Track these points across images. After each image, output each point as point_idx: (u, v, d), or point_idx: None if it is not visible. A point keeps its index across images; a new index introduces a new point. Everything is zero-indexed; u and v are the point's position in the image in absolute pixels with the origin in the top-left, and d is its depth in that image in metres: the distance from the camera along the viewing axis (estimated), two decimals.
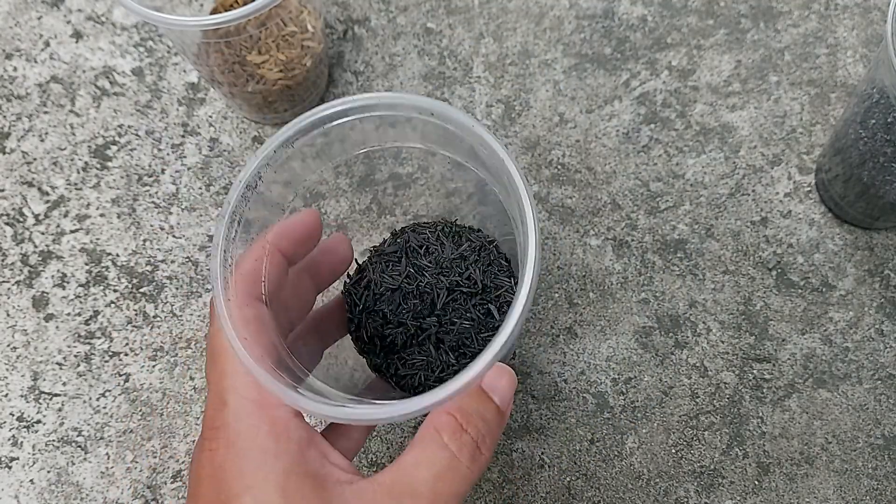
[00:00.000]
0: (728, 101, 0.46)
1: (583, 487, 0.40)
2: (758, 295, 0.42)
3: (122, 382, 0.42)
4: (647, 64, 0.47)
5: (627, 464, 0.40)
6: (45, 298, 0.43)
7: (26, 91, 0.47)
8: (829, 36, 0.47)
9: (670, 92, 0.46)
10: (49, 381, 0.42)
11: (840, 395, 0.41)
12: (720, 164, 0.45)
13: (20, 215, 0.45)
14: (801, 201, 0.44)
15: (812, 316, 0.42)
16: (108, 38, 0.48)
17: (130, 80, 0.47)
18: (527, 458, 0.40)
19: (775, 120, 0.45)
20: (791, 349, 0.41)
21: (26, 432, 0.41)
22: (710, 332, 0.42)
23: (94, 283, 0.44)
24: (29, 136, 0.46)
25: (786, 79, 0.46)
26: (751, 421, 0.40)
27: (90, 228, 0.45)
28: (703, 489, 0.39)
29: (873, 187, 0.39)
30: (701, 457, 0.40)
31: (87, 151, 0.46)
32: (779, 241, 0.43)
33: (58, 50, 0.48)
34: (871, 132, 0.37)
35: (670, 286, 0.43)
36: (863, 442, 0.40)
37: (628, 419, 0.41)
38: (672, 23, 0.47)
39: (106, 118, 0.47)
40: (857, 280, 0.42)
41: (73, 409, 0.42)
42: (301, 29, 0.42)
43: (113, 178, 0.46)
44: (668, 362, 0.41)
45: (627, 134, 0.45)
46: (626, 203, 0.44)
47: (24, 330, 0.43)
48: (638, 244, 0.43)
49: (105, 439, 0.41)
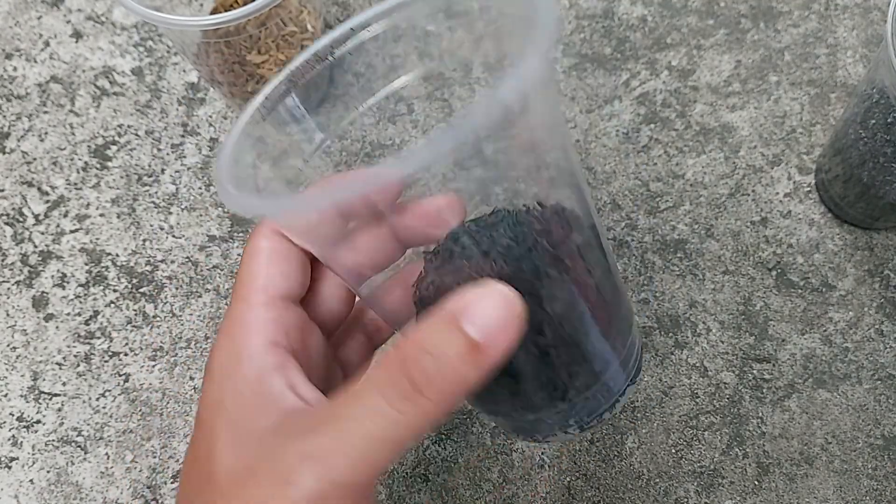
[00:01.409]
0: (728, 101, 0.46)
1: (582, 487, 0.40)
2: (758, 295, 0.42)
3: (122, 382, 0.42)
4: (646, 64, 0.47)
5: (627, 464, 0.40)
6: (45, 298, 0.43)
7: (26, 91, 0.47)
8: (829, 36, 0.47)
9: (670, 92, 0.46)
10: (49, 381, 0.42)
11: (840, 395, 0.41)
12: (720, 165, 0.45)
13: (20, 215, 0.45)
14: (801, 201, 0.44)
15: (812, 316, 0.42)
16: (108, 38, 0.48)
17: (130, 80, 0.47)
18: (526, 458, 0.40)
19: (775, 120, 0.45)
20: (791, 349, 0.41)
21: (26, 432, 0.41)
22: (710, 332, 0.42)
23: (94, 283, 0.44)
24: (29, 136, 0.46)
25: (786, 79, 0.46)
26: (750, 421, 0.40)
27: (90, 228, 0.45)
28: (702, 489, 0.39)
29: (873, 187, 0.39)
30: (701, 457, 0.40)
31: (86, 151, 0.46)
32: (779, 242, 0.43)
33: (58, 50, 0.48)
34: (871, 132, 0.37)
35: (670, 286, 0.43)
36: (862, 442, 0.40)
37: (628, 419, 0.41)
38: (672, 23, 0.47)
39: (106, 118, 0.47)
40: (856, 280, 0.42)
41: (73, 409, 0.42)
42: (301, 29, 0.42)
43: (113, 177, 0.46)
44: (668, 362, 0.41)
45: (627, 134, 0.45)
46: (626, 203, 0.44)
47: (24, 330, 0.43)
48: (638, 244, 0.43)
49: (105, 439, 0.41)
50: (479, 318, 0.19)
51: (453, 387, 0.20)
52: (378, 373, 0.20)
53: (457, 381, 0.19)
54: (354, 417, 0.20)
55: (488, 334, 0.19)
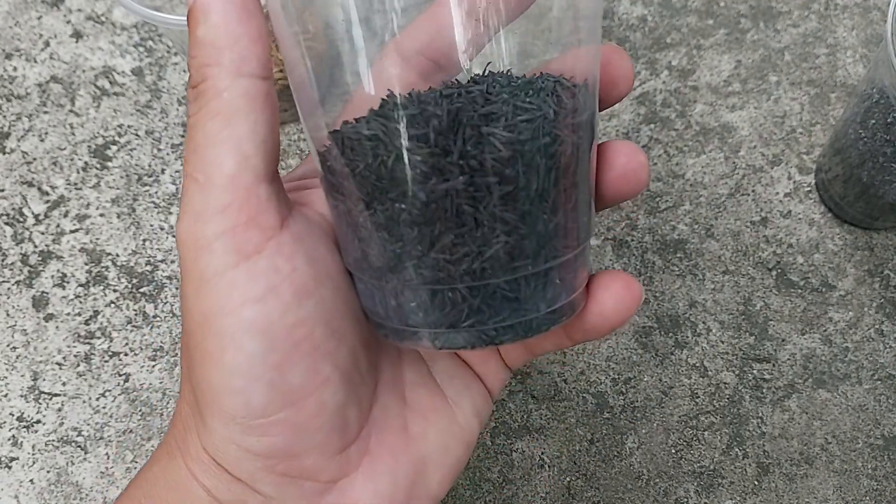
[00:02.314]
0: (728, 101, 0.46)
1: (582, 487, 0.40)
2: (757, 295, 0.42)
3: (122, 382, 0.42)
4: (646, 64, 0.47)
5: (627, 464, 0.40)
6: (45, 298, 0.43)
7: (26, 91, 0.47)
8: (828, 36, 0.47)
9: (670, 92, 0.46)
10: (49, 381, 0.42)
11: (840, 395, 0.41)
12: (720, 164, 0.45)
13: (20, 215, 0.45)
14: (801, 201, 0.44)
15: (812, 316, 0.42)
16: (108, 38, 0.48)
17: (130, 80, 0.47)
18: (526, 459, 0.40)
19: (775, 120, 0.45)
20: (791, 349, 0.41)
21: (26, 432, 0.41)
22: (710, 332, 0.42)
23: (94, 283, 0.44)
24: (29, 136, 0.46)
25: (785, 79, 0.46)
26: (750, 421, 0.40)
27: (90, 228, 0.45)
28: (702, 489, 0.39)
29: (873, 187, 0.39)
30: (701, 457, 0.40)
31: (86, 151, 0.46)
32: (778, 242, 0.43)
33: (58, 50, 0.48)
34: (871, 132, 0.37)
35: (670, 286, 0.43)
36: (862, 442, 0.40)
37: (628, 419, 0.41)
38: (672, 23, 0.47)
39: (106, 118, 0.47)
40: (856, 280, 0.42)
41: (73, 409, 0.42)
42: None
43: (113, 177, 0.46)
44: (668, 362, 0.41)
45: (627, 134, 0.45)
46: (626, 203, 0.44)
47: (24, 330, 0.43)
48: (637, 244, 0.43)
49: (105, 439, 0.41)
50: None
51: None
52: None
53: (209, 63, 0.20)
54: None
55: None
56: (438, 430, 0.25)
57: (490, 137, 0.20)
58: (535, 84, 0.22)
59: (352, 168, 0.21)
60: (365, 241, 0.22)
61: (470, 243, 0.20)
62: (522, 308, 0.22)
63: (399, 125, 0.20)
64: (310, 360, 0.21)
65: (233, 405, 0.21)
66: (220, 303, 0.21)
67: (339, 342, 0.22)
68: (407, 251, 0.21)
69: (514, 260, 0.21)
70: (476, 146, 0.20)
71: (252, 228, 0.21)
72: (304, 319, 0.21)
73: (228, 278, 0.20)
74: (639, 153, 0.24)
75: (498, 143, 0.20)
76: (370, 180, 0.21)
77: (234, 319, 0.20)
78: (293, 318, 0.21)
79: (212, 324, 0.21)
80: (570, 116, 0.21)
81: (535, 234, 0.21)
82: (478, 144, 0.20)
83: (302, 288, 0.21)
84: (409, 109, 0.20)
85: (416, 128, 0.20)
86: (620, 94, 0.25)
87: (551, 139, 0.21)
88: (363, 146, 0.21)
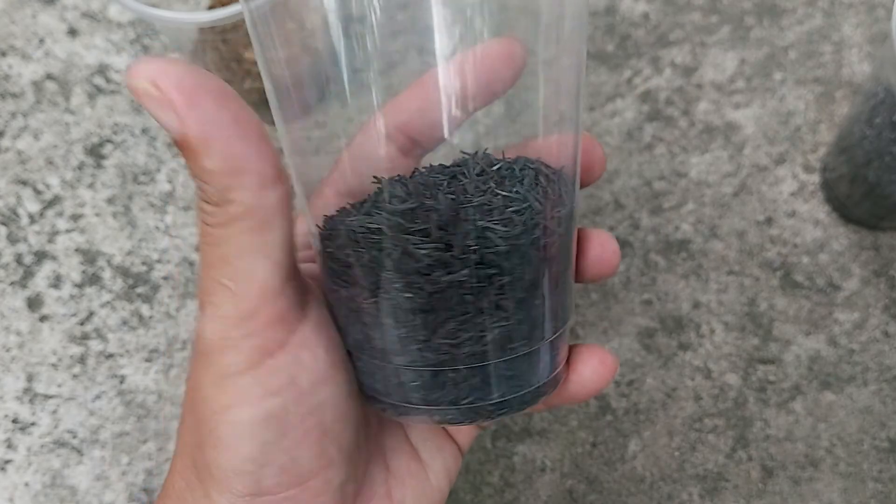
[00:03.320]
0: (732, 99, 0.45)
1: (585, 491, 0.39)
2: (762, 296, 0.42)
3: (118, 384, 0.41)
4: (650, 61, 0.46)
5: (630, 467, 0.39)
6: (40, 299, 0.43)
7: (21, 89, 0.47)
8: (833, 33, 0.46)
9: (673, 90, 0.45)
10: (44, 383, 0.42)
11: (845, 397, 0.40)
12: (724, 163, 0.44)
13: (14, 215, 0.44)
14: (806, 201, 0.43)
15: (817, 317, 0.41)
16: (104, 35, 0.48)
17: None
18: (528, 462, 0.40)
19: (780, 118, 0.45)
20: (796, 351, 0.41)
21: (21, 434, 0.41)
22: (714, 333, 0.41)
23: (89, 284, 0.43)
24: (23, 135, 0.46)
25: (790, 77, 0.45)
26: (755, 424, 0.40)
27: (85, 228, 0.44)
28: (706, 493, 0.39)
29: (879, 187, 0.38)
30: (705, 460, 0.39)
31: (81, 150, 0.46)
32: (783, 241, 0.43)
33: (53, 47, 0.48)
34: (877, 131, 0.36)
35: (673, 287, 0.42)
36: (868, 445, 0.39)
37: (631, 422, 0.40)
38: (675, 20, 0.47)
39: (101, 116, 0.46)
40: (862, 281, 0.42)
41: (68, 412, 0.41)
42: None
43: (108, 176, 0.45)
44: (672, 364, 0.41)
45: (630, 132, 0.45)
46: (629, 202, 0.44)
47: (19, 331, 0.42)
48: (641, 244, 0.43)
49: (100, 442, 0.41)
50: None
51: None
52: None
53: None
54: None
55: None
56: (415, 495, 0.27)
57: (487, 233, 0.21)
58: (514, 170, 0.23)
59: (357, 258, 0.22)
60: (368, 326, 0.22)
61: (471, 329, 0.22)
62: (517, 384, 0.23)
63: (401, 220, 0.21)
64: (319, 445, 0.22)
65: (243, 485, 0.22)
66: (241, 397, 0.21)
67: (345, 424, 0.23)
68: (412, 336, 0.22)
69: (512, 342, 0.22)
70: (476, 240, 0.21)
71: (277, 326, 0.21)
72: (318, 406, 0.22)
73: (252, 375, 0.21)
74: (611, 242, 0.26)
75: (496, 237, 0.21)
76: (375, 271, 0.21)
77: (254, 412, 0.21)
78: (307, 407, 0.22)
79: (231, 414, 0.21)
80: (556, 208, 0.23)
81: (529, 318, 0.22)
82: (478, 239, 0.21)
83: (319, 376, 0.22)
84: (408, 203, 0.21)
85: (419, 223, 0.21)
86: (592, 179, 0.27)
87: (542, 233, 0.22)
88: (368, 239, 0.21)
